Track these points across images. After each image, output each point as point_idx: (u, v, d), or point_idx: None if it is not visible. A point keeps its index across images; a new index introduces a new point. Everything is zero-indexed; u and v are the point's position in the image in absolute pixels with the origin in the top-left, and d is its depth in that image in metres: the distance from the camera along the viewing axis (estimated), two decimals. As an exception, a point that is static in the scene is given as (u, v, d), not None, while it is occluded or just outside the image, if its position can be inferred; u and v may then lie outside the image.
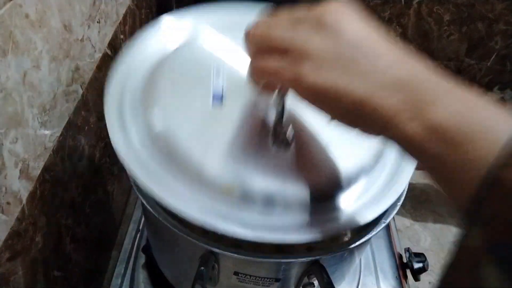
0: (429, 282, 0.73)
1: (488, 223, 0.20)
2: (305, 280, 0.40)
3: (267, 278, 0.39)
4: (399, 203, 0.42)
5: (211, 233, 0.35)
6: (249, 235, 0.33)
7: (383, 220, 0.40)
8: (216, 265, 0.38)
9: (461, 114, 0.23)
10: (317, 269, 0.37)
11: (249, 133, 0.38)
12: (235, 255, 0.36)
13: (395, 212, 0.41)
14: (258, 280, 0.39)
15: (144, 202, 0.38)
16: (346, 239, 0.43)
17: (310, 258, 0.37)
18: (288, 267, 0.39)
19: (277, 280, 0.40)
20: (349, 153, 0.39)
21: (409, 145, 0.25)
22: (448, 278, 0.23)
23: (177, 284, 0.50)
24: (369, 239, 0.39)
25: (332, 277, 0.37)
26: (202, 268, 0.36)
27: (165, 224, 0.37)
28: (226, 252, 0.36)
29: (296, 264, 0.39)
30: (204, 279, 0.36)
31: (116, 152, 0.36)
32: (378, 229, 0.39)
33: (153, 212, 0.38)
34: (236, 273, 0.39)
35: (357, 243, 0.38)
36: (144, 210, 0.40)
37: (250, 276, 0.39)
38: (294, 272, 0.39)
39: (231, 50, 0.43)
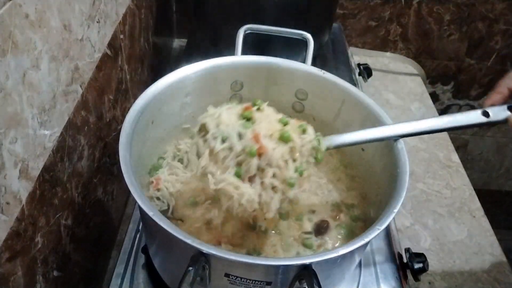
0: (429, 282, 0.73)
1: None
2: (297, 284, 0.39)
3: (258, 281, 0.39)
4: (398, 205, 0.41)
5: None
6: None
7: (377, 227, 0.40)
8: (207, 266, 0.38)
9: None
10: (308, 274, 0.37)
11: None
12: (225, 256, 0.36)
13: (393, 215, 0.41)
14: (249, 282, 0.39)
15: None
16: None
17: (300, 263, 0.37)
18: (279, 271, 0.39)
19: (268, 283, 0.39)
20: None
21: None
22: None
23: (172, 285, 0.50)
24: (367, 243, 0.39)
25: (328, 279, 0.36)
26: (190, 268, 0.36)
27: (157, 223, 0.37)
28: (216, 253, 0.36)
29: (287, 268, 0.38)
30: (192, 280, 0.36)
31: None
32: (375, 234, 0.39)
33: (146, 211, 0.38)
34: (227, 275, 0.39)
35: (349, 249, 0.38)
36: (140, 208, 0.40)
37: (241, 278, 0.39)
38: (285, 276, 0.39)
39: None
